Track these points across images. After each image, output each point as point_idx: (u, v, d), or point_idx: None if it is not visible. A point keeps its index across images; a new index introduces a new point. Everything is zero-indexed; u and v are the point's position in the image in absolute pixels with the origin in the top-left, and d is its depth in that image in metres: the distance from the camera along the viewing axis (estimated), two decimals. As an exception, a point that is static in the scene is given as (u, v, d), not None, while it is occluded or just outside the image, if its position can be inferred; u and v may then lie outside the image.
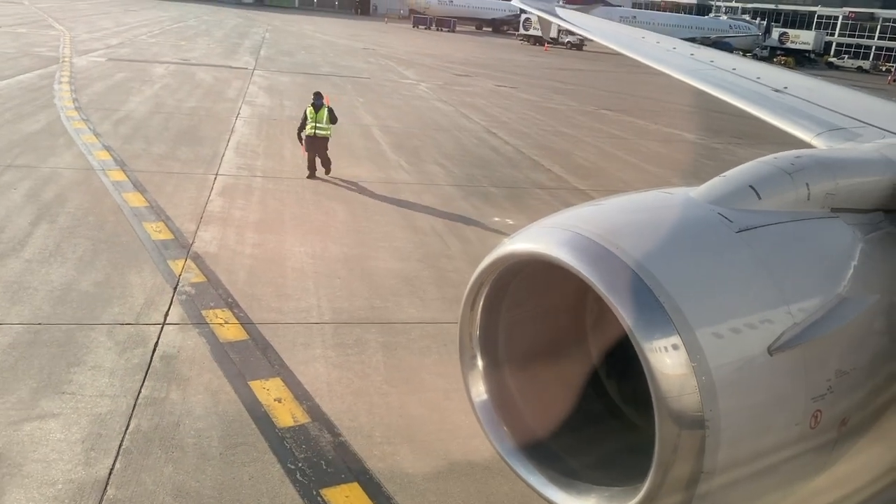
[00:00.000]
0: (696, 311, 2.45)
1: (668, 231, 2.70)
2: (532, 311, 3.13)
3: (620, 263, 2.50)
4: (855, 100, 6.17)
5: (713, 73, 8.44)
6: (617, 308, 2.42)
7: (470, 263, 11.78)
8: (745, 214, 2.83)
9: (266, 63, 38.93)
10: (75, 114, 20.40)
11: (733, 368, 2.48)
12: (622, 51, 11.32)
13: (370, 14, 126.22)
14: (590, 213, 2.87)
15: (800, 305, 2.67)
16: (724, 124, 28.55)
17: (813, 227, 3.02)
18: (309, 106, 16.06)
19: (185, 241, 11.56)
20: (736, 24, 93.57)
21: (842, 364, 2.83)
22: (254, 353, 8.34)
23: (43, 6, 66.58)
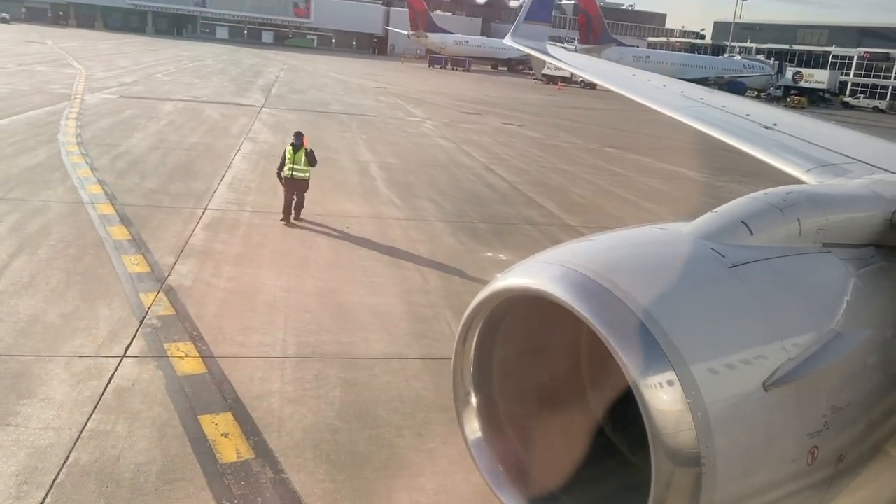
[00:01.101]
0: (690, 346, 2.44)
1: (662, 266, 2.72)
2: (526, 346, 3.17)
3: (615, 299, 2.50)
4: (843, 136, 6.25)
5: (703, 110, 8.46)
6: (611, 344, 2.42)
7: (447, 299, 11.71)
8: (737, 250, 2.83)
9: (276, 101, 39.48)
10: (76, 149, 20.70)
11: (729, 404, 2.46)
12: (614, 88, 11.36)
13: (387, 54, 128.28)
14: (583, 249, 2.88)
15: (794, 340, 2.66)
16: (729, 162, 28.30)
17: (805, 262, 3.02)
18: (288, 146, 15.45)
19: (160, 275, 11.56)
20: (750, 65, 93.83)
21: (837, 399, 2.82)
22: (209, 387, 8.23)
23: (65, 46, 68.35)
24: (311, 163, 15.34)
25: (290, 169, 15.08)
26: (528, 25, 19.60)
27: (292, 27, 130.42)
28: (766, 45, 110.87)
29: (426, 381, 8.89)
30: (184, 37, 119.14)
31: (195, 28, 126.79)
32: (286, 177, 15.12)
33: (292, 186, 15.18)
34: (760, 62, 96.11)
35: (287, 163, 15.11)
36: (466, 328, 3.00)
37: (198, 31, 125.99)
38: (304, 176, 15.24)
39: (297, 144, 15.23)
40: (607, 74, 14.80)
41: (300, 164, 15.15)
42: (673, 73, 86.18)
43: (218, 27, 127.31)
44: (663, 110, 8.53)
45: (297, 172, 15.11)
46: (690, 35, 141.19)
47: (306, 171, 15.25)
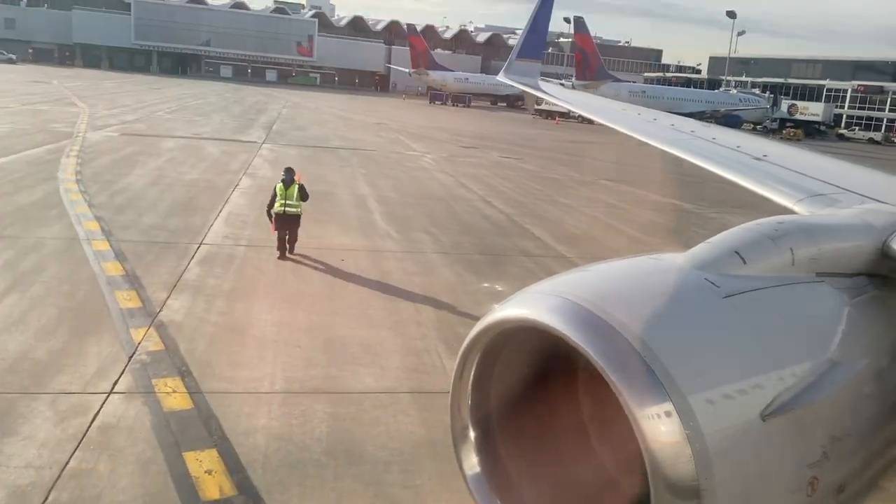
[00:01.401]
0: (687, 377, 2.43)
1: (657, 297, 2.71)
2: (524, 379, 3.10)
3: (611, 330, 2.49)
4: (832, 167, 6.27)
5: (694, 142, 8.52)
6: (608, 375, 2.40)
7: (440, 331, 11.65)
8: (731, 280, 2.85)
9: (277, 137, 39.81)
10: (75, 186, 20.82)
11: (727, 435, 2.45)
12: (604, 122, 11.43)
13: (390, 91, 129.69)
14: (579, 279, 2.88)
15: (791, 370, 2.67)
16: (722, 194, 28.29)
17: (799, 292, 3.04)
18: (279, 182, 15.30)
19: (152, 310, 11.52)
20: (745, 98, 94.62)
21: (835, 430, 2.82)
22: (195, 424, 8.14)
23: (70, 85, 69.28)
24: (303, 197, 15.21)
25: (283, 205, 14.89)
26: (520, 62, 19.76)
27: (295, 65, 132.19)
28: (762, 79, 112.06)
29: (415, 416, 8.79)
30: (188, 76, 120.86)
31: (199, 67, 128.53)
32: (278, 213, 14.92)
33: (285, 222, 14.98)
34: (756, 95, 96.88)
35: (279, 199, 14.91)
36: (463, 361, 2.95)
37: (202, 70, 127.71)
38: (297, 211, 15.09)
39: (288, 180, 15.09)
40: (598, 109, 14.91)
41: (293, 200, 14.99)
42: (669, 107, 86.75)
43: (222, 66, 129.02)
44: (654, 143, 8.60)
45: (289, 208, 14.93)
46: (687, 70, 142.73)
47: (298, 206, 15.11)
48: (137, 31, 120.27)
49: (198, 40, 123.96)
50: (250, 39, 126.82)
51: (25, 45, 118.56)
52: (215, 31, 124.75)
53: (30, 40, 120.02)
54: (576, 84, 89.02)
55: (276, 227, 15.02)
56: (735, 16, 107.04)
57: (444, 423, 8.53)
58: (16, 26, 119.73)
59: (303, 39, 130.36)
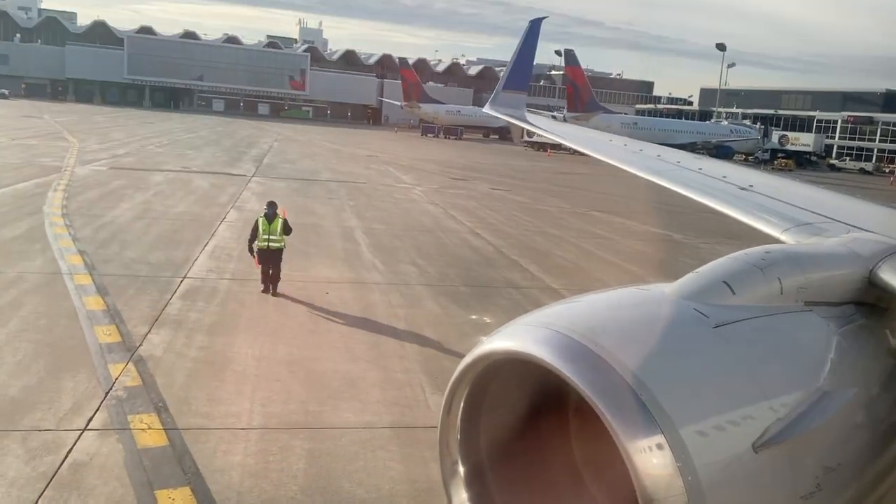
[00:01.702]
0: (678, 409, 2.41)
1: (647, 328, 2.70)
2: (513, 412, 3.07)
3: (601, 361, 2.47)
4: (818, 196, 6.30)
5: (680, 172, 8.55)
6: (599, 407, 2.38)
7: (422, 364, 11.54)
8: (720, 310, 2.84)
9: (267, 170, 39.87)
10: (60, 220, 20.73)
11: (719, 467, 2.43)
12: (590, 153, 11.49)
13: (382, 124, 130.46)
14: (567, 311, 2.88)
15: (781, 400, 2.65)
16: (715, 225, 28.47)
17: (788, 321, 3.05)
18: (261, 217, 14.91)
19: (132, 345, 11.38)
20: (736, 129, 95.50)
21: (828, 460, 2.79)
22: (169, 461, 7.98)
23: (61, 120, 69.46)
24: (286, 231, 14.95)
25: (266, 240, 14.56)
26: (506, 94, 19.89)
27: (288, 99, 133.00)
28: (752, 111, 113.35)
29: (394, 452, 8.64)
30: (180, 109, 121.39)
31: (192, 101, 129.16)
32: (261, 248, 14.59)
33: (268, 258, 14.66)
34: (747, 127, 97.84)
35: (262, 234, 14.58)
36: (451, 395, 2.91)
37: (194, 104, 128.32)
38: (280, 246, 14.78)
39: (271, 214, 14.76)
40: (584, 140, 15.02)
41: (276, 234, 14.66)
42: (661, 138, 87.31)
43: (214, 100, 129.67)
44: (641, 174, 8.66)
45: (273, 243, 14.61)
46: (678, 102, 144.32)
47: (282, 241, 14.79)
48: (130, 66, 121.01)
49: (190, 75, 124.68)
50: (243, 74, 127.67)
51: (19, 81, 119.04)
52: (208, 66, 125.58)
53: (23, 76, 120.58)
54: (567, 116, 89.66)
55: (258, 261, 14.74)
56: (725, 48, 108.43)
57: (424, 458, 8.42)
58: (9, 62, 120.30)
59: (295, 73, 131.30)
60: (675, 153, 10.00)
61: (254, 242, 14.75)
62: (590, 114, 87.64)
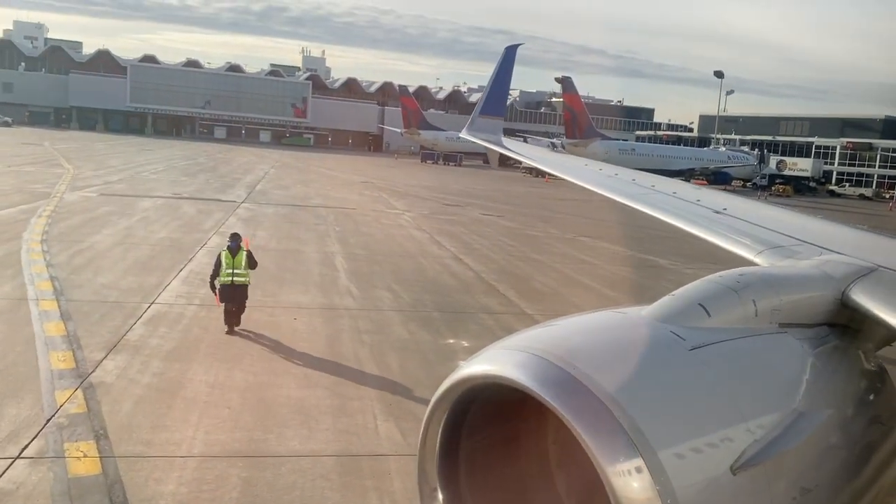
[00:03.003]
0: (656, 431, 2.42)
1: (624, 351, 2.72)
2: (492, 437, 3.08)
3: (579, 385, 2.48)
4: (790, 219, 6.33)
5: (654, 196, 8.55)
6: (578, 431, 2.39)
7: (380, 391, 11.36)
8: (696, 332, 2.87)
9: (258, 196, 39.90)
10: (38, 245, 20.66)
11: (698, 490, 2.44)
12: (565, 177, 11.52)
13: (383, 151, 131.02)
14: (545, 335, 2.88)
15: (758, 422, 2.66)
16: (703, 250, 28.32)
17: (763, 343, 3.08)
18: (224, 250, 13.86)
19: (84, 371, 11.23)
20: (734, 155, 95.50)
21: (805, 481, 2.82)
22: (98, 490, 7.80)
23: (61, 147, 69.81)
24: (251, 265, 14.05)
25: (230, 275, 13.57)
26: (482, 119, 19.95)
27: (289, 126, 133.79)
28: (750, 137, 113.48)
29: (334, 481, 8.44)
30: (182, 137, 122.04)
31: (194, 129, 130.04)
32: (225, 284, 13.59)
33: (231, 294, 13.61)
34: (744, 153, 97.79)
35: (225, 268, 13.59)
36: (429, 420, 2.89)
37: (196, 132, 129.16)
38: (245, 281, 13.82)
39: (234, 247, 13.73)
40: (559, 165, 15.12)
41: (241, 268, 13.69)
42: (659, 164, 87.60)
43: (216, 127, 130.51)
44: (614, 197, 8.77)
45: (237, 278, 13.62)
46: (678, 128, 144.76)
47: (246, 276, 13.84)
48: (133, 94, 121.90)
49: (192, 102, 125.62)
50: (245, 101, 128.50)
51: (23, 109, 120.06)
52: (210, 94, 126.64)
53: (27, 104, 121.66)
54: (565, 143, 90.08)
55: (220, 298, 13.69)
56: (723, 76, 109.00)
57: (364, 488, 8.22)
58: (13, 90, 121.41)
59: (297, 101, 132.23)
60: (650, 177, 9.92)
61: (216, 279, 13.75)
62: (588, 140, 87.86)
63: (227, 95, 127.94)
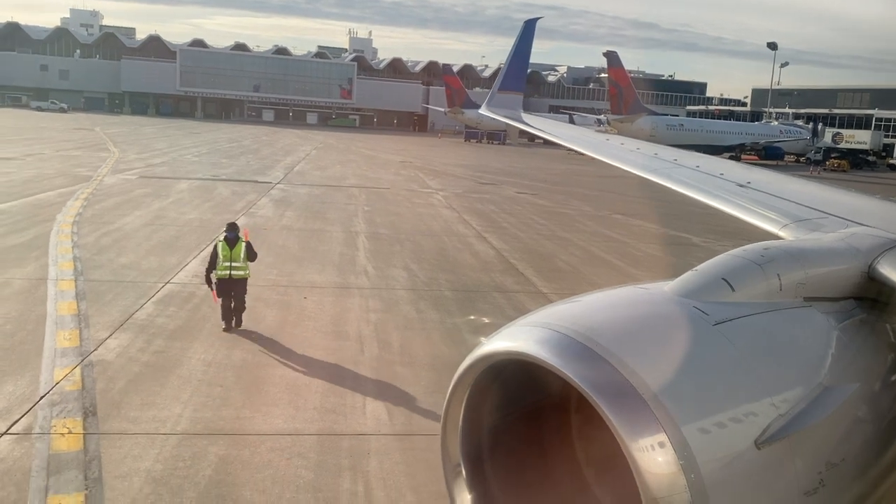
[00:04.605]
0: (680, 406, 2.43)
1: (646, 326, 2.73)
2: (515, 413, 3.11)
3: (601, 361, 2.49)
4: (815, 192, 6.25)
5: (677, 170, 8.40)
6: (600, 407, 2.39)
7: (377, 370, 11.32)
8: (719, 307, 2.87)
9: (295, 177, 40.23)
10: (69, 227, 21.17)
11: (722, 465, 2.45)
12: (586, 152, 11.24)
13: (428, 131, 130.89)
14: (567, 311, 2.87)
15: (783, 396, 2.66)
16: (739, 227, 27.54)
17: (788, 318, 3.07)
18: (220, 241, 12.87)
19: (87, 349, 11.44)
20: (787, 129, 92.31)
21: (831, 456, 2.81)
22: (76, 466, 7.92)
23: (110, 132, 71.62)
24: (251, 258, 13.03)
25: (228, 268, 12.60)
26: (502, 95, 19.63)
27: (335, 108, 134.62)
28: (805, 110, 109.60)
29: (310, 459, 8.41)
30: (231, 120, 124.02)
31: (242, 112, 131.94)
32: (222, 278, 12.61)
33: (229, 288, 12.65)
34: (798, 127, 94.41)
35: (222, 261, 12.63)
36: (451, 398, 2.91)
37: (245, 115, 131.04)
38: (244, 274, 12.81)
39: (232, 238, 12.78)
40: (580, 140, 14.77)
41: (239, 261, 12.70)
42: (708, 140, 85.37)
43: (264, 110, 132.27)
44: (637, 172, 8.62)
45: (235, 271, 12.63)
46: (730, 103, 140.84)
47: (246, 269, 12.86)
48: (182, 79, 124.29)
49: (240, 86, 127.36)
50: (292, 84, 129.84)
51: (79, 95, 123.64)
52: (258, 77, 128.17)
53: (83, 90, 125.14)
54: (611, 119, 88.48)
55: (218, 293, 12.72)
56: (776, 47, 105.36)
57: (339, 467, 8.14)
58: (70, 77, 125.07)
59: (343, 82, 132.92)
60: (673, 151, 9.64)
61: (212, 272, 12.74)
62: (634, 116, 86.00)
63: (275, 78, 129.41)
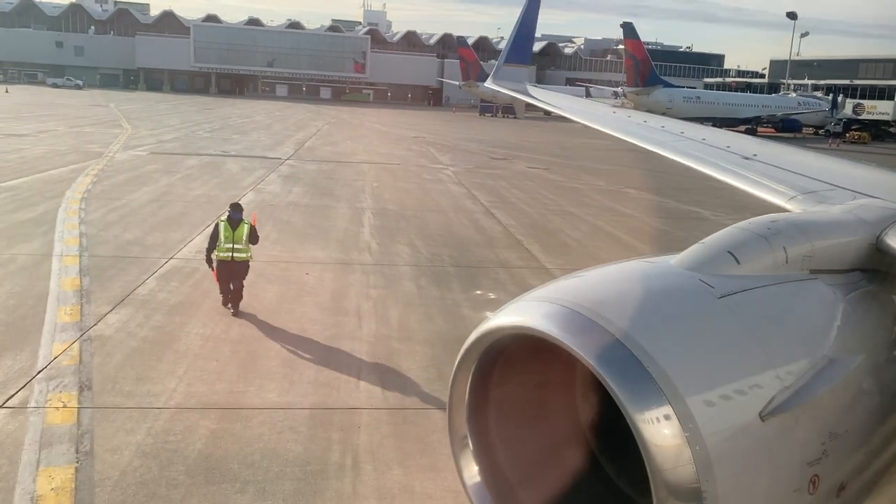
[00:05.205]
0: (685, 379, 2.45)
1: (652, 300, 2.74)
2: (521, 387, 3.15)
3: (607, 335, 2.51)
4: (822, 163, 6.24)
5: (683, 143, 8.40)
6: (606, 380, 2.42)
7: (373, 345, 11.35)
8: (725, 280, 2.88)
9: (305, 153, 40.19)
10: (76, 203, 21.31)
11: (727, 436, 2.48)
12: (592, 125, 11.13)
13: (442, 105, 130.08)
14: (573, 286, 2.90)
15: (787, 369, 2.68)
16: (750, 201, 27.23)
17: (793, 290, 3.07)
18: (222, 221, 12.33)
19: (87, 324, 11.54)
20: (805, 101, 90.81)
21: (834, 426, 2.84)
22: (69, 439, 8.02)
23: (125, 108, 71.85)
24: (253, 240, 12.54)
25: (230, 250, 12.11)
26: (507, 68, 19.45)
27: (349, 82, 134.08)
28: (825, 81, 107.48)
29: (301, 433, 8.46)
30: (245, 96, 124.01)
31: (256, 87, 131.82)
32: (223, 260, 12.17)
33: (230, 271, 12.20)
34: (818, 98, 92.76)
35: (224, 242, 12.14)
36: (457, 372, 2.97)
37: (258, 90, 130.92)
38: (246, 257, 12.34)
39: (236, 218, 12.28)
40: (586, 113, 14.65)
41: (241, 243, 12.21)
42: (725, 112, 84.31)
43: (277, 85, 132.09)
44: (643, 144, 8.62)
45: (237, 253, 12.16)
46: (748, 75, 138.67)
47: (248, 251, 12.35)
48: (196, 54, 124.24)
49: (254, 61, 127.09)
50: (305, 58, 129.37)
51: (94, 72, 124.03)
52: (271, 52, 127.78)
53: (97, 66, 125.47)
54: (627, 91, 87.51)
55: (218, 276, 12.35)
56: (796, 17, 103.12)
57: (329, 440, 8.18)
58: (84, 53, 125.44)
59: (357, 56, 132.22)
60: (679, 124, 9.54)
61: (212, 252, 12.29)
62: (650, 88, 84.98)
63: (288, 53, 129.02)
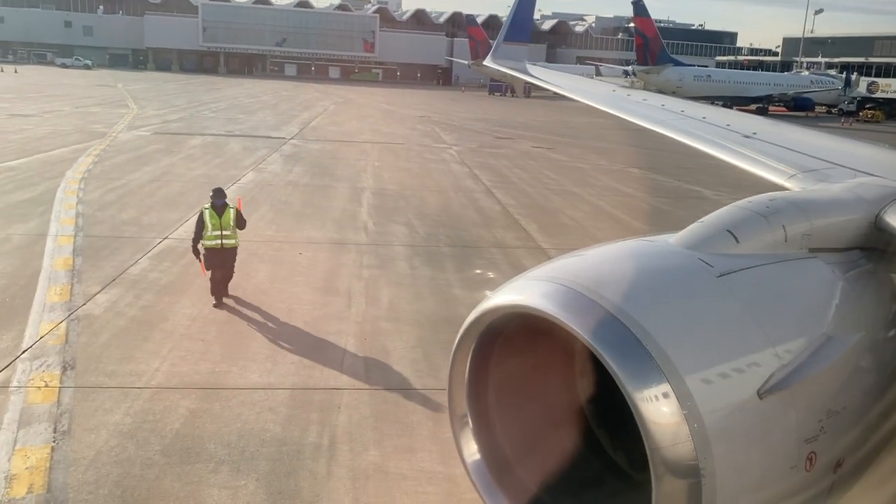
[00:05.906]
0: (683, 357, 2.48)
1: (651, 278, 2.76)
2: (521, 366, 3.16)
3: (605, 313, 2.53)
4: (822, 142, 6.19)
5: (683, 122, 8.33)
6: (605, 358, 2.44)
7: (360, 325, 11.31)
8: (724, 259, 2.89)
9: (309, 133, 40.07)
10: (76, 184, 21.33)
11: (725, 414, 2.51)
12: (591, 104, 11.00)
13: (452, 84, 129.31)
14: (572, 265, 2.91)
15: (786, 347, 2.70)
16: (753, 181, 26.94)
17: (792, 269, 3.09)
18: (206, 208, 11.81)
19: (76, 304, 11.57)
20: (818, 79, 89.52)
21: (832, 404, 2.87)
22: (48, 419, 8.05)
23: (132, 88, 71.76)
24: (240, 225, 12.15)
25: (218, 237, 11.67)
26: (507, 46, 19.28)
27: (358, 62, 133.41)
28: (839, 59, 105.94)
29: (280, 414, 8.45)
30: (254, 75, 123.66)
31: (265, 66, 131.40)
32: (211, 248, 11.72)
33: (219, 259, 11.77)
34: (831, 76, 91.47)
35: (210, 230, 11.68)
36: (457, 351, 2.99)
37: (267, 70, 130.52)
38: (235, 243, 11.96)
39: (220, 205, 11.77)
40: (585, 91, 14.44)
41: (229, 229, 11.77)
42: (736, 91, 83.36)
43: (286, 65, 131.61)
44: (643, 123, 8.53)
45: (226, 240, 11.73)
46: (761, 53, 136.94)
47: (236, 237, 11.99)
48: (205, 34, 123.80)
49: (263, 40, 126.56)
50: (314, 38, 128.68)
51: (103, 52, 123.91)
52: (280, 31, 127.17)
53: (106, 46, 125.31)
54: (636, 69, 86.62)
55: (207, 265, 11.81)
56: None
57: (308, 420, 8.15)
58: (93, 33, 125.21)
59: (366, 35, 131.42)
60: (680, 102, 9.43)
61: (199, 242, 11.86)
62: (660, 67, 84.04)
63: (297, 32, 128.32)
